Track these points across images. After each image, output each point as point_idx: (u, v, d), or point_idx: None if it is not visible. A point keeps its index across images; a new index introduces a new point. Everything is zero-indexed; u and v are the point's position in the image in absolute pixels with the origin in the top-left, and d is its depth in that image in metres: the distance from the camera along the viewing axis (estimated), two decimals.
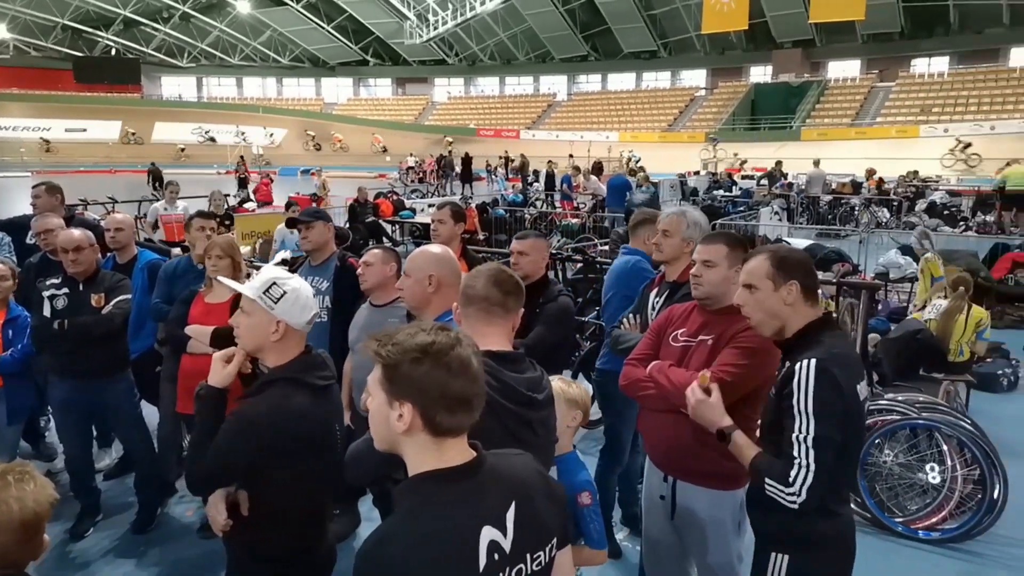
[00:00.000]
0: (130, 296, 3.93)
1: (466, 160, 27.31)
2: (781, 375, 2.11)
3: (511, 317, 2.03)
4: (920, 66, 35.54)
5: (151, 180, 23.83)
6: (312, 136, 42.63)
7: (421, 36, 44.38)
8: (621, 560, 3.76)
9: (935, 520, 4.09)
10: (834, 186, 18.54)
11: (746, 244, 2.70)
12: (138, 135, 42.58)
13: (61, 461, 4.32)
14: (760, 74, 39.52)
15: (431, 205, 14.63)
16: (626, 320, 3.27)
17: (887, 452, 4.28)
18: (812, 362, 2.01)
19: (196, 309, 3.68)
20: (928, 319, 6.12)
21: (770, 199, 16.78)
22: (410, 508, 1.37)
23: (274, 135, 43.33)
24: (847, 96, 35.78)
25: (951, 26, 33.87)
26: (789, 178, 20.57)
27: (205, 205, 9.11)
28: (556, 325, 3.22)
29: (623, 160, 22.84)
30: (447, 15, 42.21)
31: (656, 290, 3.23)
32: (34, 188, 5.25)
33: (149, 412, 4.36)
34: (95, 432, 4.57)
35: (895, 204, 16.58)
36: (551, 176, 20.97)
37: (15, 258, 4.90)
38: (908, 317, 7.15)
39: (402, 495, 1.39)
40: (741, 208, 15.84)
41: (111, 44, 47.42)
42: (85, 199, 13.33)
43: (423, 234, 11.15)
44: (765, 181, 20.41)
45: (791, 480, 1.99)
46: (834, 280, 6.71)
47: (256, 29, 47.72)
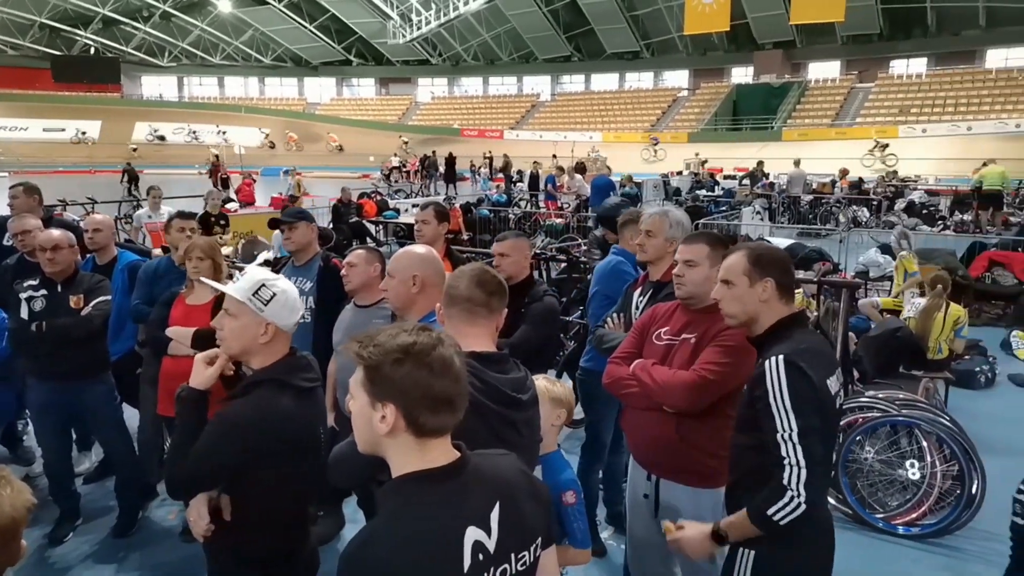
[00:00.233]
0: (110, 297, 3.88)
1: (450, 160, 27.28)
2: (753, 374, 2.12)
3: (494, 318, 2.03)
4: (898, 67, 36.08)
5: (125, 179, 23.49)
6: (293, 137, 42.31)
7: (404, 36, 44.27)
8: (605, 559, 3.76)
9: (915, 516, 4.14)
10: (815, 186, 18.74)
11: (727, 243, 2.71)
12: (88, 135, 41.79)
13: (39, 465, 4.26)
14: (742, 75, 39.82)
15: (415, 205, 14.58)
16: (610, 319, 3.29)
17: (868, 449, 4.33)
18: (780, 358, 2.03)
19: (177, 311, 3.64)
20: (907, 317, 6.20)
21: (752, 199, 16.95)
22: (394, 509, 1.36)
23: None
24: (827, 97, 36.19)
25: (929, 28, 34.40)
26: (770, 178, 20.76)
27: (190, 206, 9.00)
28: (542, 325, 3.25)
29: (591, 160, 22.82)
30: (430, 15, 42.12)
31: (640, 289, 3.25)
32: (11, 189, 5.17)
33: (130, 415, 4.31)
34: (74, 435, 4.51)
35: (875, 204, 16.77)
36: (535, 176, 20.99)
37: None
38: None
39: (386, 496, 1.39)
40: (723, 208, 15.97)
41: (90, 43, 46.86)
42: (64, 199, 13.15)
43: (407, 234, 11.12)
44: (747, 181, 20.60)
45: (785, 484, 1.97)
46: (815, 279, 6.78)
47: (238, 28, 47.37)
